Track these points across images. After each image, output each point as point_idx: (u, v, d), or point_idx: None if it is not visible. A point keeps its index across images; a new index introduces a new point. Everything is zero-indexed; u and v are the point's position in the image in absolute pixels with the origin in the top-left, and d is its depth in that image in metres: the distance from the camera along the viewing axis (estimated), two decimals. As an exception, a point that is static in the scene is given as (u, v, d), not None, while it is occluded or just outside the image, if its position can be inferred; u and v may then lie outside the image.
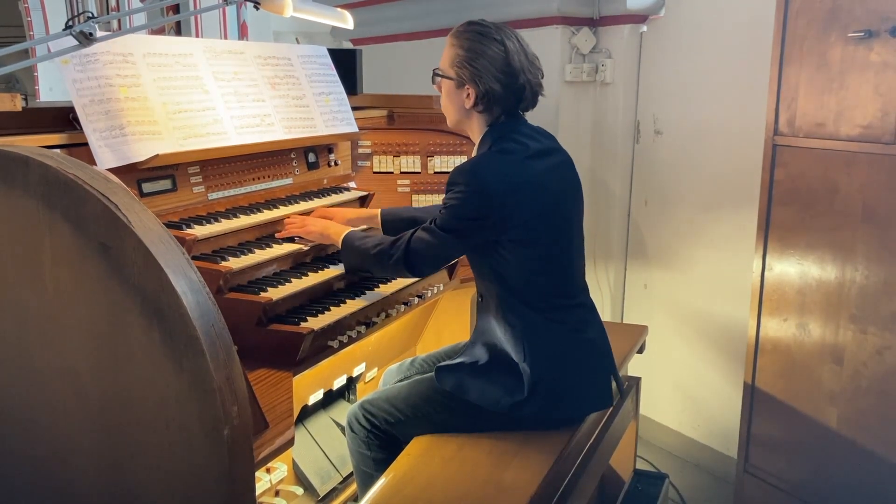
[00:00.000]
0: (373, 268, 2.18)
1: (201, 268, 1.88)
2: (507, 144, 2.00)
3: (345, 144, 2.84)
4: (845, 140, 2.36)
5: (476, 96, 2.00)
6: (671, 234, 3.51)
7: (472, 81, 1.99)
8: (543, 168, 2.01)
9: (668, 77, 3.43)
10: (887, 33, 2.21)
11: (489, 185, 1.93)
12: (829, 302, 2.46)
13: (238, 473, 1.41)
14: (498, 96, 1.99)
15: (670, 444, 3.63)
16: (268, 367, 1.90)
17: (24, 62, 1.80)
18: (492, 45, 1.98)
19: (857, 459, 2.42)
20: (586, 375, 2.08)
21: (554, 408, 2.02)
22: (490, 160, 1.99)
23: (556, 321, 2.04)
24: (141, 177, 2.07)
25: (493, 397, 2.02)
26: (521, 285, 2.01)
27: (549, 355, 2.01)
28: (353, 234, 2.23)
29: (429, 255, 2.03)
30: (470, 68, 1.98)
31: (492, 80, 1.97)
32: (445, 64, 2.05)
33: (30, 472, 1.60)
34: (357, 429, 2.17)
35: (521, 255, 1.99)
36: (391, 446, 2.12)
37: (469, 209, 1.95)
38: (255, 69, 2.52)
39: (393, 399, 2.14)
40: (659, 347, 3.44)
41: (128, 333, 1.39)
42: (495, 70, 1.97)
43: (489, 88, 1.97)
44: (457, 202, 1.96)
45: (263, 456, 1.67)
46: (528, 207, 1.96)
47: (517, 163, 1.98)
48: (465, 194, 1.95)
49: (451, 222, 1.98)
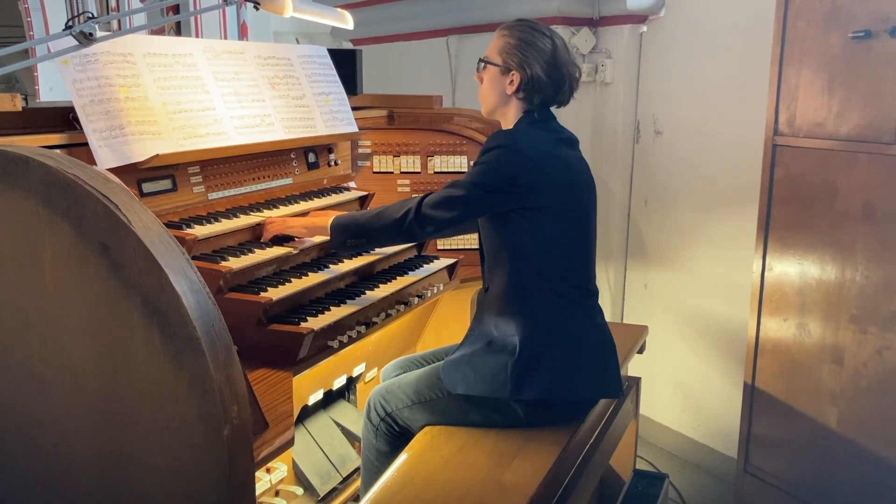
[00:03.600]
0: (373, 226, 2.14)
1: (201, 268, 1.88)
2: (541, 126, 2.11)
3: (345, 144, 2.84)
4: (845, 140, 2.36)
5: (520, 81, 2.08)
6: (671, 234, 3.51)
7: (519, 67, 2.08)
8: (570, 156, 2.12)
9: (668, 77, 3.43)
10: (887, 33, 2.21)
11: (525, 147, 2.02)
12: (829, 302, 2.46)
13: (238, 473, 1.41)
14: (541, 84, 2.08)
15: (670, 444, 3.63)
16: (268, 367, 1.90)
17: (24, 62, 1.80)
18: (541, 38, 2.10)
19: (857, 459, 2.42)
20: (596, 359, 2.10)
21: (564, 381, 2.02)
22: (525, 131, 2.10)
23: (571, 301, 2.06)
24: (141, 177, 2.07)
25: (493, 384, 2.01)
26: (542, 257, 2.04)
27: (558, 333, 2.03)
28: (342, 215, 2.24)
29: (447, 212, 2.03)
30: (519, 55, 2.08)
31: (538, 68, 2.07)
32: (493, 52, 2.14)
33: (30, 472, 1.60)
34: (373, 416, 2.21)
35: (542, 225, 2.02)
36: (398, 440, 2.16)
37: (502, 166, 2.01)
38: (255, 69, 2.52)
39: (405, 386, 2.17)
40: (659, 347, 3.44)
41: (128, 333, 1.39)
42: (542, 60, 2.08)
43: (535, 75, 2.07)
44: (492, 159, 2.02)
45: (263, 456, 1.67)
46: (556, 179, 2.03)
47: (549, 140, 2.09)
48: (501, 154, 2.01)
49: (484, 177, 2.02)
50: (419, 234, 2.15)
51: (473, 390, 2.04)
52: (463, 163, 2.91)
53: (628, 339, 2.72)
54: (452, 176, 2.90)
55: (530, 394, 2.00)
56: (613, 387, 2.14)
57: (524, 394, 2.00)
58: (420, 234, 2.21)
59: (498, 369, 2.01)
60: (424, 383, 2.14)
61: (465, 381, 2.05)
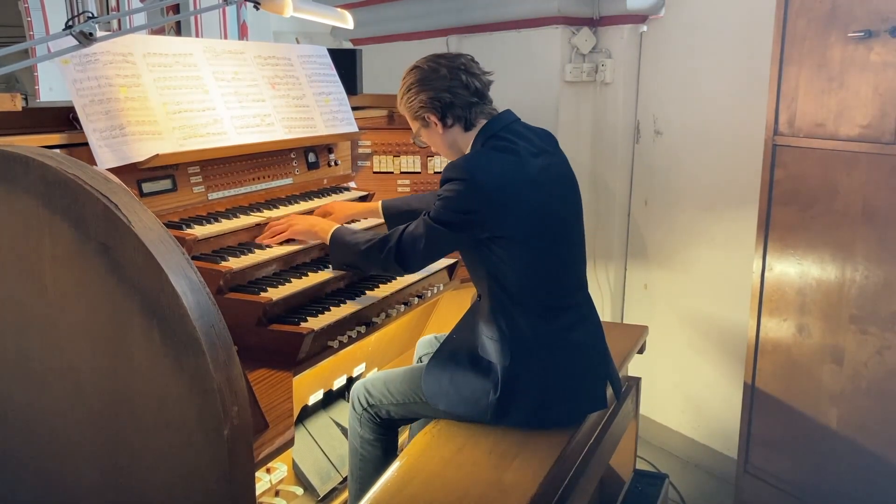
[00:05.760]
0: (363, 264, 2.14)
1: (201, 268, 1.88)
2: (498, 143, 2.04)
3: (345, 144, 2.84)
4: (845, 140, 2.36)
5: (437, 115, 2.07)
6: (671, 234, 3.51)
7: (427, 109, 2.07)
8: (535, 167, 2.02)
9: (668, 77, 3.43)
10: (887, 33, 2.21)
11: (480, 179, 1.95)
12: (829, 302, 2.46)
13: (238, 473, 1.41)
14: (448, 100, 2.05)
15: (670, 444, 3.63)
16: (268, 367, 1.90)
17: (24, 62, 1.80)
18: (417, 75, 2.10)
19: (857, 459, 2.42)
20: (574, 379, 2.08)
21: (542, 411, 2.03)
22: (481, 156, 2.03)
23: (544, 322, 2.04)
24: (141, 177, 2.07)
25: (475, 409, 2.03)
26: (514, 285, 2.02)
27: (533, 362, 2.01)
28: (342, 229, 2.22)
29: (420, 248, 2.02)
30: (416, 101, 2.09)
31: (434, 93, 2.05)
32: (410, 121, 2.17)
33: (30, 472, 1.60)
34: (356, 405, 2.24)
35: (513, 253, 1.99)
36: (381, 429, 2.21)
37: (461, 202, 1.96)
38: (255, 69, 2.52)
39: (389, 383, 2.19)
40: (659, 347, 3.44)
41: (128, 333, 1.39)
42: (430, 84, 2.06)
43: (438, 99, 2.05)
44: (450, 194, 1.97)
45: (263, 456, 1.67)
46: (520, 204, 1.97)
47: (508, 160, 2.00)
48: (458, 188, 1.96)
49: (443, 214, 1.98)
50: (405, 272, 2.15)
51: (455, 409, 2.06)
52: (463, 163, 2.91)
53: (628, 340, 2.72)
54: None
55: (511, 422, 2.03)
56: (598, 399, 2.12)
57: (505, 422, 2.03)
58: (407, 272, 2.16)
59: (480, 394, 2.03)
60: (408, 384, 2.16)
61: (446, 399, 2.07)
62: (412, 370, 2.21)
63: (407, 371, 2.21)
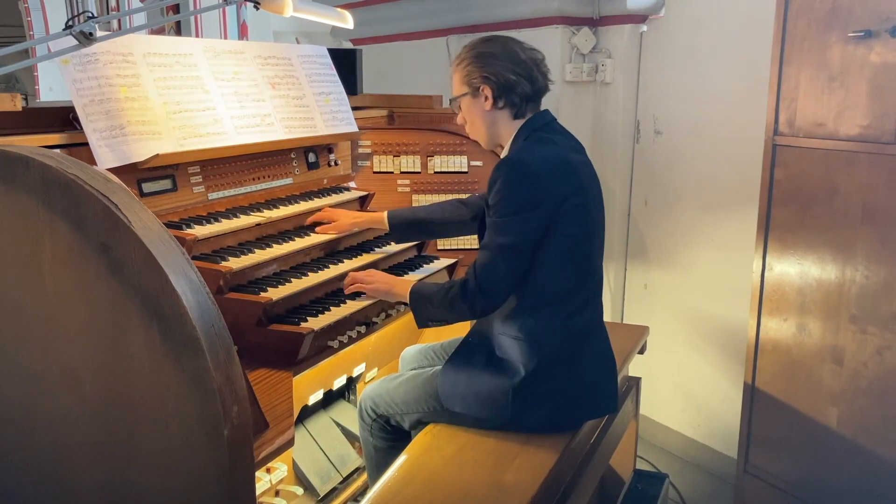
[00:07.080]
0: (449, 314, 2.03)
1: (201, 268, 1.88)
2: (543, 135, 2.04)
3: (345, 144, 2.84)
4: (845, 140, 2.36)
5: (493, 91, 2.03)
6: (671, 234, 3.51)
7: (484, 81, 2.03)
8: (577, 162, 2.04)
9: (668, 77, 3.43)
10: (887, 33, 2.21)
11: (532, 166, 1.93)
12: (829, 302, 2.46)
13: (238, 473, 1.41)
14: (512, 82, 2.02)
15: (670, 444, 3.63)
16: (268, 367, 1.90)
17: (24, 62, 1.80)
18: (488, 45, 2.06)
19: (857, 459, 2.42)
20: (595, 382, 2.08)
21: (560, 414, 2.02)
22: (526, 148, 2.02)
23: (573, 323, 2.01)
24: (141, 177, 2.07)
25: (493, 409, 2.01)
26: (549, 282, 1.97)
27: (558, 361, 1.99)
28: (420, 286, 2.11)
29: (500, 271, 1.93)
30: (477, 70, 2.03)
31: (500, 69, 2.02)
32: (457, 86, 2.10)
33: (30, 473, 1.60)
34: (364, 416, 2.25)
35: (557, 248, 1.95)
36: (393, 435, 2.21)
37: (519, 195, 1.93)
38: (255, 69, 2.52)
39: (395, 394, 2.17)
40: (659, 347, 3.43)
41: (128, 333, 1.39)
42: (500, 60, 2.02)
43: (501, 77, 2.01)
44: (505, 191, 1.93)
45: (263, 456, 1.67)
46: (570, 190, 1.95)
47: (556, 151, 2.00)
48: (511, 181, 1.93)
49: (506, 220, 1.92)
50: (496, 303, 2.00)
51: (471, 412, 2.04)
52: (463, 162, 2.91)
53: (628, 340, 2.72)
54: (452, 176, 2.90)
55: (530, 423, 2.01)
56: (611, 404, 2.13)
57: (524, 422, 2.00)
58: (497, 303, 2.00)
59: (498, 395, 2.00)
60: (413, 396, 2.13)
61: (463, 402, 2.04)
62: (418, 379, 2.17)
63: (411, 379, 2.18)
